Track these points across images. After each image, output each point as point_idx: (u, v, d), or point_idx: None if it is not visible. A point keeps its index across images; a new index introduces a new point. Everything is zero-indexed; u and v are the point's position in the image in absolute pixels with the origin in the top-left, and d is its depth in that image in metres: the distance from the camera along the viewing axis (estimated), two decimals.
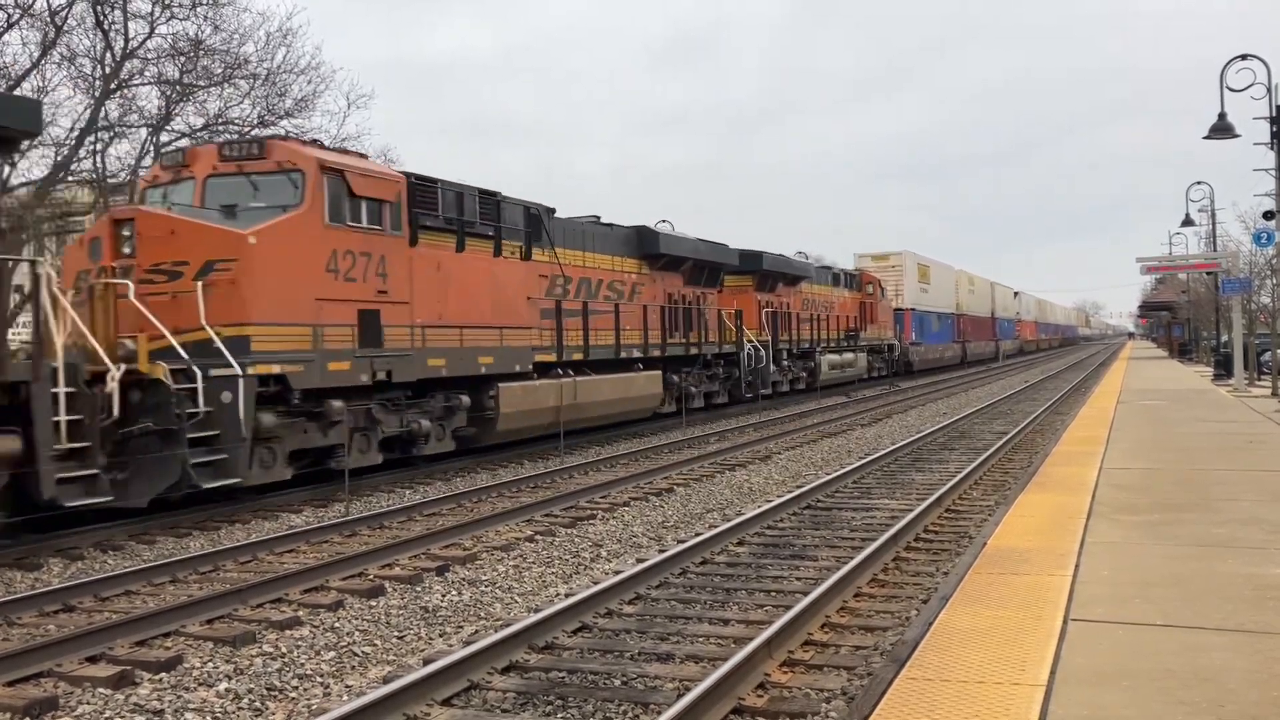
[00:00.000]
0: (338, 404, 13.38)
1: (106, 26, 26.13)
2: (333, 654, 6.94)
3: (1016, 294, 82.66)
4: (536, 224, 17.73)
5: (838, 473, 14.29)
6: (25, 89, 25.22)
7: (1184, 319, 59.16)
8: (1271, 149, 22.09)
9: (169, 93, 27.70)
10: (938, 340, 52.24)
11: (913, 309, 46.95)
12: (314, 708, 5.98)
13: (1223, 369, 32.54)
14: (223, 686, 6.28)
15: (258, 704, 6.04)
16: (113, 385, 10.61)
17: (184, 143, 25.14)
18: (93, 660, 6.74)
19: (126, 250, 12.26)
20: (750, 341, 27.13)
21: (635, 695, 5.93)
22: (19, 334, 17.39)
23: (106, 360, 10.73)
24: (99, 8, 25.79)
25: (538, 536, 10.80)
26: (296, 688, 6.32)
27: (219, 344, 11.65)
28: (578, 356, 19.01)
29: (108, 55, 26.49)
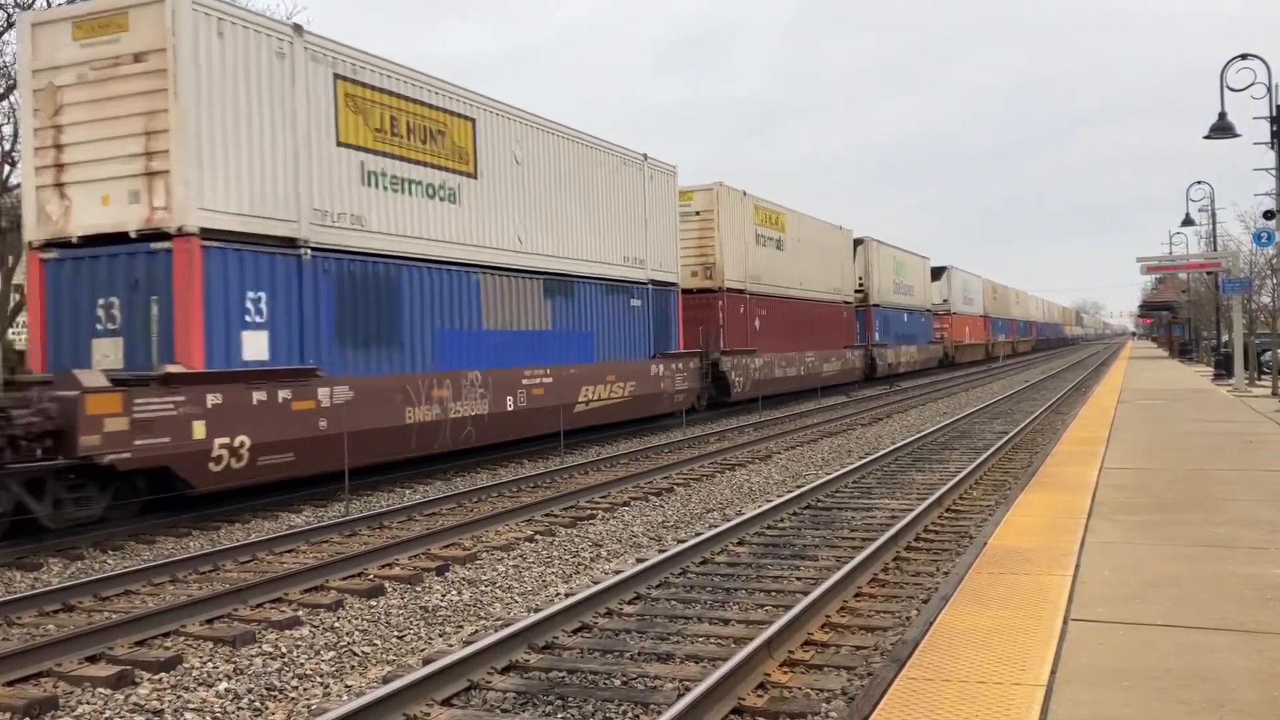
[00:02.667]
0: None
1: None
2: (332, 654, 6.94)
3: (943, 271, 53.04)
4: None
5: (838, 472, 14.29)
6: None
7: (1184, 319, 59.12)
8: (1271, 148, 22.10)
9: None
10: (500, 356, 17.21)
11: (418, 262, 15.26)
12: (314, 707, 5.98)
13: (1223, 369, 32.53)
14: (222, 686, 6.28)
15: (257, 704, 6.04)
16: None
17: None
18: (92, 660, 6.75)
19: None
20: None
21: (635, 695, 5.93)
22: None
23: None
24: None
25: (538, 536, 10.80)
26: (296, 687, 6.32)
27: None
28: None
29: None
